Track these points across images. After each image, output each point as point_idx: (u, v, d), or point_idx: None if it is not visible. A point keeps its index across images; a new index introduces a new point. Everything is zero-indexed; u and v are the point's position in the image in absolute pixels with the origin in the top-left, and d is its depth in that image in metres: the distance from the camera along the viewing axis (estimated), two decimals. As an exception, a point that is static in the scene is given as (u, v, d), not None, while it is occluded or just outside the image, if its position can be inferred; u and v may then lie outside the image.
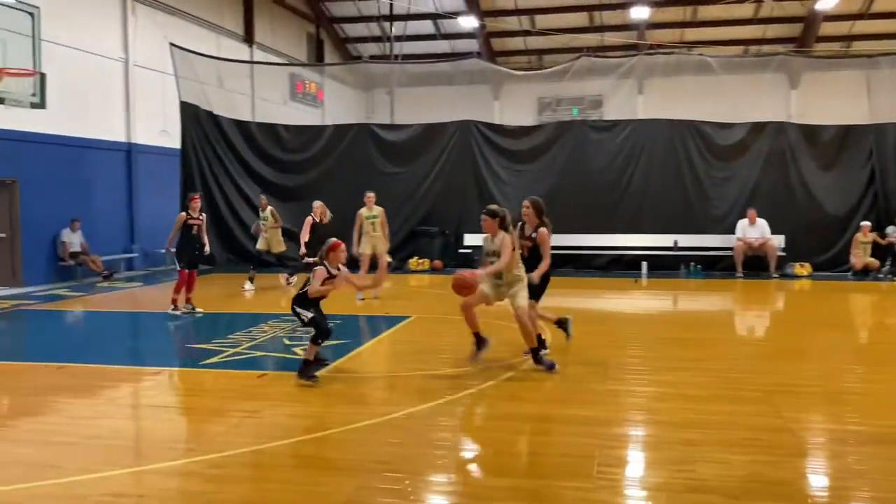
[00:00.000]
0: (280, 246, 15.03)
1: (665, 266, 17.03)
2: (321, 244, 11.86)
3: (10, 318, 11.64)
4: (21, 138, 14.42)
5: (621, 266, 17.29)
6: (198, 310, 11.36)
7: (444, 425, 6.05)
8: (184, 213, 11.49)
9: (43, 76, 11.17)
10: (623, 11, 26.11)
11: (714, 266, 17.10)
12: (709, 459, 5.14)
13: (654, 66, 20.46)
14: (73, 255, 15.73)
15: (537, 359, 7.60)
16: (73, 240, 15.77)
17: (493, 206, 8.02)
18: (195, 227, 11.39)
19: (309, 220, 13.13)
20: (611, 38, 26.23)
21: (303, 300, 7.28)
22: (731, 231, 16.80)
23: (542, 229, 8.04)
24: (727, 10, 25.43)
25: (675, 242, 17.27)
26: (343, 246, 7.43)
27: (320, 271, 7.20)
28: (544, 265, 7.98)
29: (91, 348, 9.50)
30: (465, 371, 7.67)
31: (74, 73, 15.54)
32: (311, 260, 13.44)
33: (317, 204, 13.49)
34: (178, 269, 11.30)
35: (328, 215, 13.49)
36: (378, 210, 12.86)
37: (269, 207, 15.08)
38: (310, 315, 7.22)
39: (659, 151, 17.69)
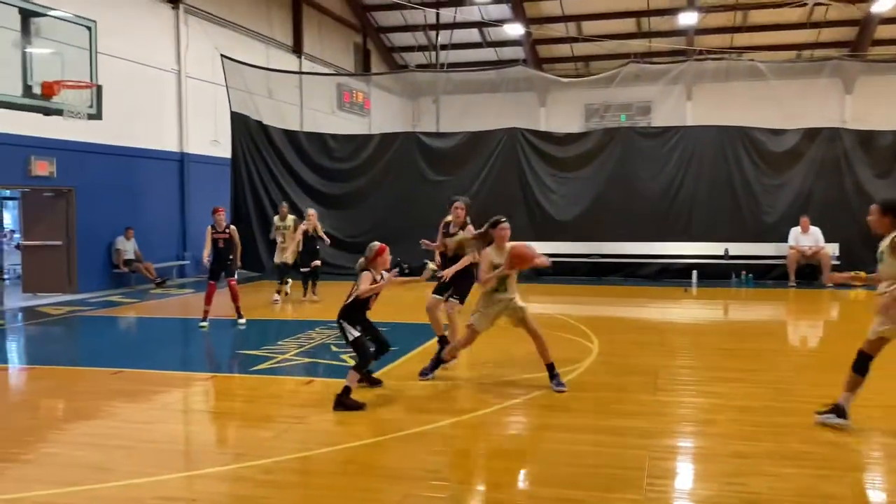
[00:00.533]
0: (291, 259, 13.88)
1: (716, 275, 16.76)
2: (311, 256, 11.79)
3: (67, 324, 11.96)
4: (78, 148, 14.84)
5: (671, 275, 17.06)
6: (241, 320, 11.43)
7: (492, 434, 6.04)
8: (210, 227, 11.37)
9: (99, 88, 11.47)
10: (671, 17, 25.85)
11: (766, 275, 16.76)
12: (761, 472, 5.04)
13: (704, 71, 20.19)
14: (127, 262, 16.10)
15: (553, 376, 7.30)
16: (127, 247, 16.15)
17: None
18: (220, 241, 11.23)
19: (302, 227, 12.85)
20: (659, 44, 25.97)
21: (349, 313, 6.94)
22: (784, 239, 16.46)
23: (469, 227, 8.27)
24: (778, 14, 24.98)
25: (726, 251, 17.00)
26: (388, 250, 7.28)
27: (367, 276, 7.14)
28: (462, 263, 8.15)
29: (144, 354, 9.70)
30: (513, 380, 7.65)
31: (129, 85, 15.93)
32: (306, 270, 13.56)
33: (311, 212, 13.15)
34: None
35: (320, 228, 13.49)
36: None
37: (291, 217, 14.46)
38: (355, 334, 6.84)
39: (709, 158, 17.44)
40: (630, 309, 13.39)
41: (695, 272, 16.66)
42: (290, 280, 14.31)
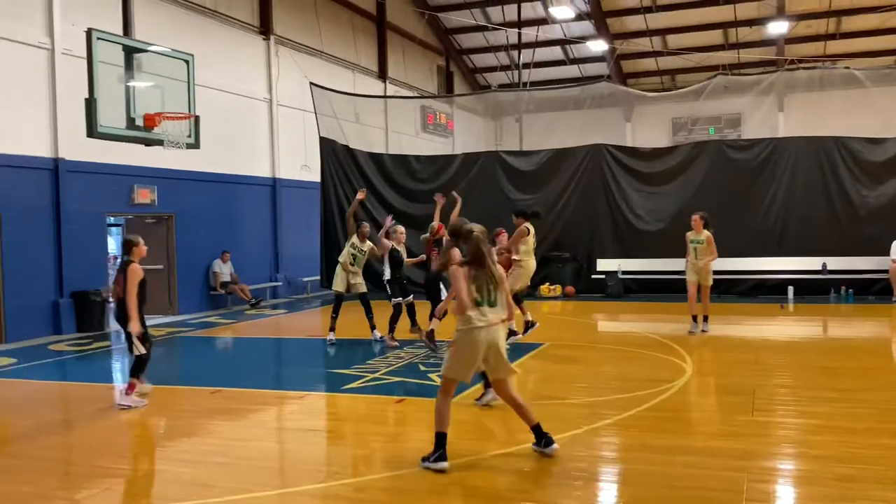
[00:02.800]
0: (363, 287, 11.89)
1: (813, 290, 16.12)
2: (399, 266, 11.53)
3: (169, 345, 12.47)
4: (177, 176, 15.52)
5: (765, 291, 16.50)
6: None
7: (582, 455, 5.97)
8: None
9: (197, 118, 11.94)
10: (760, 27, 25.19)
11: (867, 290, 16.01)
12: (867, 497, 4.82)
13: (796, 81, 19.61)
14: (224, 284, 16.69)
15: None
16: (224, 270, 16.75)
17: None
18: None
19: (388, 243, 11.33)
20: (748, 55, 25.33)
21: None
22: (886, 252, 15.70)
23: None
24: (875, 19, 24.02)
25: (824, 265, 16.35)
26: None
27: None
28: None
29: (241, 373, 10.01)
30: (603, 400, 7.55)
31: (224, 115, 16.58)
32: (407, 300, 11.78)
33: (401, 229, 11.58)
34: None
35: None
36: None
37: (370, 242, 12.05)
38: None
39: (803, 170, 16.85)
40: (723, 326, 13.00)
41: (791, 288, 16.06)
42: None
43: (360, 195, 12.61)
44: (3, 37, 12.48)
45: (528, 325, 10.60)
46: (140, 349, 7.92)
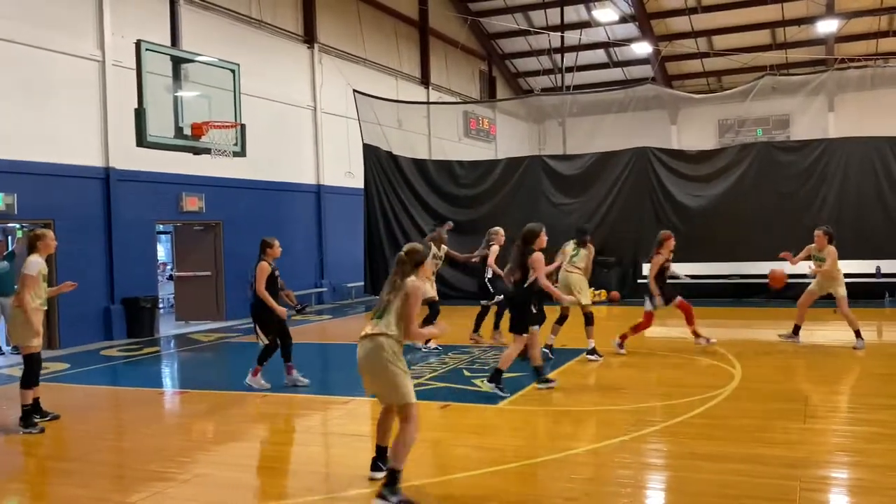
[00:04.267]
0: (433, 291, 11.45)
1: (866, 295, 15.65)
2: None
3: (216, 350, 12.65)
4: (225, 184, 15.76)
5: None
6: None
7: (629, 462, 5.88)
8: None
9: (243, 127, 12.12)
10: (809, 26, 24.70)
11: (924, 294, 15.56)
12: (930, 509, 4.66)
13: (846, 81, 19.14)
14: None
15: None
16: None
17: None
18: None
19: (496, 248, 11.22)
20: (796, 55, 24.84)
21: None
22: (944, 255, 15.25)
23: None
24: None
25: (878, 269, 15.91)
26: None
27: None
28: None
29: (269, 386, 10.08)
30: (649, 406, 7.44)
31: (270, 123, 16.81)
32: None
33: (501, 230, 11.43)
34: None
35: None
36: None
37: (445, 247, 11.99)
38: None
39: (855, 171, 16.44)
40: (774, 332, 12.74)
41: (844, 292, 15.65)
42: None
43: (447, 226, 12.79)
44: (57, 50, 12.83)
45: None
46: (263, 339, 8.79)
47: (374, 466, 5.51)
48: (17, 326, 7.26)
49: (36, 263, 7.28)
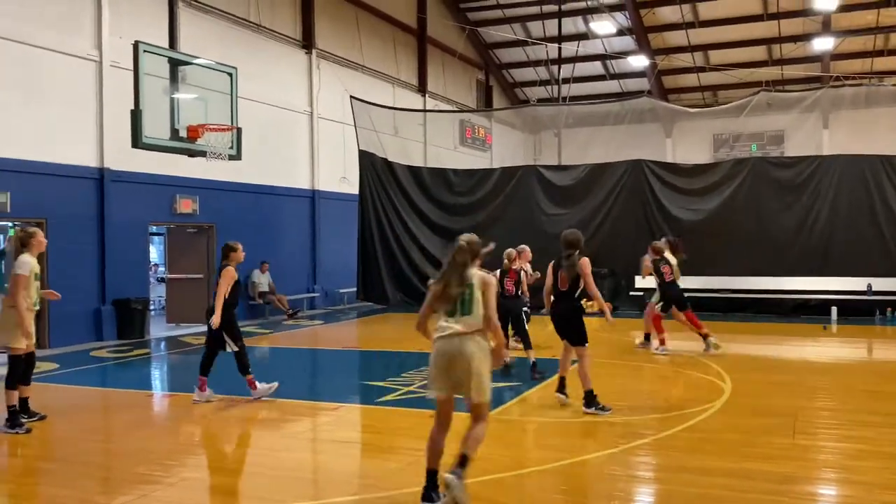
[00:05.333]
0: None
1: (857, 312, 15.75)
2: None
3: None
4: (219, 187, 15.73)
5: (807, 311, 16.18)
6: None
7: (618, 475, 5.88)
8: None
9: (239, 130, 12.13)
10: (805, 44, 24.85)
11: (914, 312, 15.63)
12: (916, 527, 4.67)
13: (841, 98, 19.30)
14: (262, 294, 16.84)
15: None
16: (263, 280, 16.90)
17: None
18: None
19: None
20: (792, 71, 24.99)
21: None
22: (935, 274, 15.33)
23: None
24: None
25: (869, 286, 15.97)
26: None
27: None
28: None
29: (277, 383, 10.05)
30: (639, 419, 7.44)
31: (266, 127, 16.80)
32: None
33: (521, 247, 11.12)
34: None
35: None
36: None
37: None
38: None
39: (848, 189, 16.52)
40: (764, 347, 12.79)
41: (834, 308, 15.73)
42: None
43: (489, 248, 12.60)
44: (54, 49, 12.80)
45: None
46: (232, 346, 8.46)
47: (427, 497, 4.94)
48: (9, 327, 7.16)
49: (27, 263, 7.23)
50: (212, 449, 6.91)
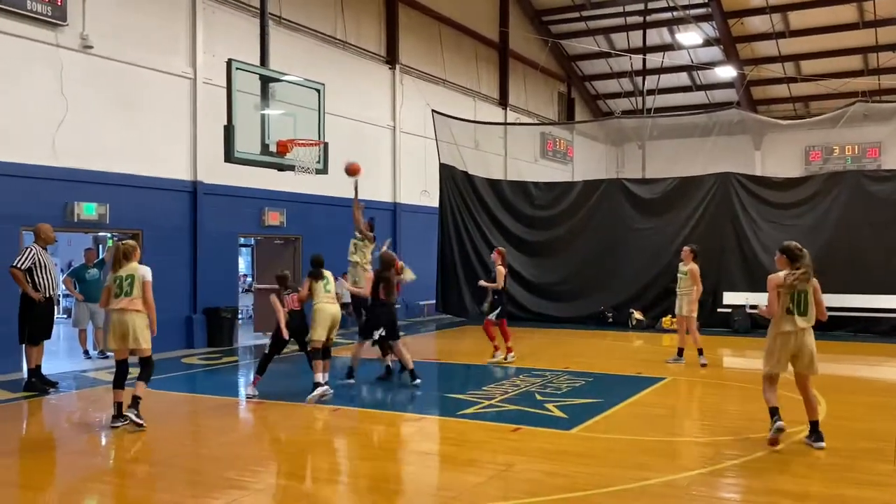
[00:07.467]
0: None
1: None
2: None
3: (292, 362, 12.84)
4: (305, 200, 16.11)
5: (907, 331, 15.41)
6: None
7: (706, 496, 5.72)
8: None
9: (326, 145, 12.35)
10: (904, 52, 23.82)
11: None
12: None
13: (942, 108, 18.37)
14: (345, 305, 17.06)
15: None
16: (345, 291, 17.15)
17: None
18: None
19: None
20: (890, 81, 23.95)
21: None
22: None
23: None
24: None
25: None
26: None
27: None
28: None
29: (359, 393, 10.20)
30: (727, 440, 7.23)
31: (351, 141, 17.09)
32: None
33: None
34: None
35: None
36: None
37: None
38: None
39: (953, 203, 15.70)
40: (861, 367, 12.24)
41: (938, 329, 14.94)
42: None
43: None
44: (152, 67, 13.38)
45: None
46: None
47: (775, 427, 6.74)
48: (143, 330, 8.09)
49: (149, 270, 8.04)
50: (299, 456, 7.04)
